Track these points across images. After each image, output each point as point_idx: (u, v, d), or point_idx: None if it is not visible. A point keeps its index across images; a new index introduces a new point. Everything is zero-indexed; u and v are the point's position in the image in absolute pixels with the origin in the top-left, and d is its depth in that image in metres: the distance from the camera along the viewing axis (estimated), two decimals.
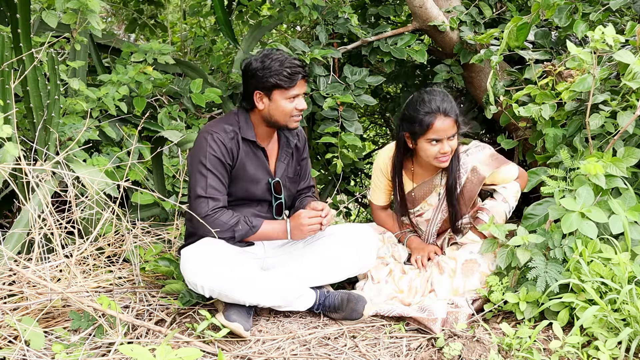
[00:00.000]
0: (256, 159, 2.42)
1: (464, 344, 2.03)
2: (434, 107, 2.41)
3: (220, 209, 2.31)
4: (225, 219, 2.30)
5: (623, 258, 2.05)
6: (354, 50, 3.64)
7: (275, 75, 2.27)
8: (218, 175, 2.32)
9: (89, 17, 2.76)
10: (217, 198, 2.31)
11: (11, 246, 2.33)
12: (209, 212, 2.28)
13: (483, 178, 2.57)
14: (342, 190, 4.39)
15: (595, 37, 2.24)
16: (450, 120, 2.42)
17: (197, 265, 2.21)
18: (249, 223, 2.34)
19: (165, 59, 3.29)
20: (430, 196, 2.65)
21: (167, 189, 3.29)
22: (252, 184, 2.43)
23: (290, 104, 2.33)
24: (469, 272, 2.44)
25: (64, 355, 1.91)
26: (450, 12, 3.52)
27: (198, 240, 2.32)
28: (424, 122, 2.41)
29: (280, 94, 2.31)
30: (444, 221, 2.68)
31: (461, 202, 2.58)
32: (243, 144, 2.38)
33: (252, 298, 2.22)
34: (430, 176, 2.64)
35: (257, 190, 2.45)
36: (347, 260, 2.43)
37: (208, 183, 2.30)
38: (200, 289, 2.21)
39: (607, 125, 2.40)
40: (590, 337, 1.97)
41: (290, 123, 2.37)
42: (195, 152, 2.34)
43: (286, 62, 2.28)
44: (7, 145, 2.17)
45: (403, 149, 2.60)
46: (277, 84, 2.28)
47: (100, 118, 3.03)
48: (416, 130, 2.44)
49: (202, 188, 2.30)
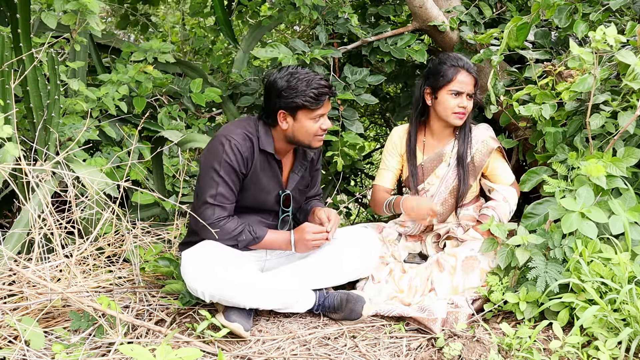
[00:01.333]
0: (270, 171, 2.38)
1: (464, 344, 2.03)
2: (459, 63, 2.62)
3: (226, 217, 2.28)
4: (230, 228, 2.27)
5: (623, 258, 2.05)
6: (354, 50, 3.64)
7: (301, 96, 2.21)
8: (229, 183, 2.27)
9: (88, 18, 2.76)
10: (224, 206, 2.27)
11: (11, 246, 2.33)
12: (214, 221, 2.25)
13: (492, 149, 2.69)
14: (342, 190, 4.39)
15: (596, 37, 2.24)
16: (472, 78, 2.63)
17: (197, 272, 2.20)
18: (253, 233, 2.31)
19: (166, 57, 3.29)
20: (439, 167, 2.72)
21: (167, 189, 3.29)
22: (262, 194, 2.39)
23: (315, 124, 2.28)
24: (469, 269, 2.44)
25: (64, 355, 1.91)
26: (450, 12, 3.51)
27: (199, 243, 2.31)
28: (449, 73, 2.61)
29: (305, 114, 2.25)
30: (447, 203, 2.70)
31: (470, 170, 2.67)
32: (260, 154, 2.32)
33: (252, 302, 2.22)
34: (441, 146, 2.73)
35: (267, 201, 2.42)
36: (348, 265, 2.43)
37: (218, 191, 2.25)
38: (200, 295, 2.21)
39: (607, 125, 2.40)
40: (590, 337, 1.97)
41: (314, 142, 2.32)
42: (210, 156, 2.28)
43: (313, 82, 2.22)
44: (7, 145, 2.17)
45: (421, 110, 2.73)
46: (303, 105, 2.22)
47: (100, 118, 3.03)
48: (439, 81, 2.62)
49: (212, 195, 2.25)
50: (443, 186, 2.71)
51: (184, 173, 3.21)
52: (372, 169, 5.98)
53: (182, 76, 3.63)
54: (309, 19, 3.59)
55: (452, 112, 2.62)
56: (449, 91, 2.60)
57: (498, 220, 2.56)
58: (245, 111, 3.70)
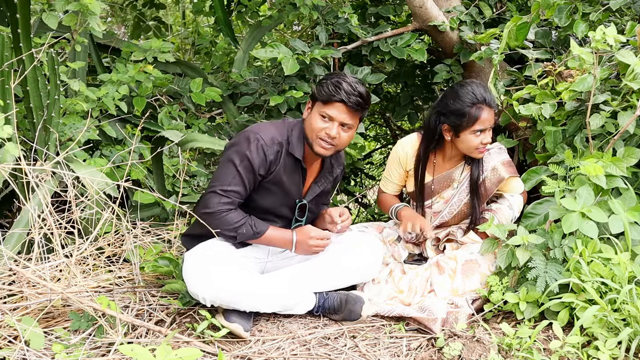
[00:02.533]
0: (294, 177, 2.36)
1: (464, 344, 2.03)
2: (480, 98, 2.43)
3: (229, 209, 2.27)
4: (232, 219, 2.27)
5: (623, 258, 2.05)
6: (354, 50, 3.65)
7: (319, 86, 2.27)
8: (245, 180, 2.26)
9: (89, 19, 2.76)
10: (232, 199, 2.26)
11: (11, 246, 2.33)
12: (218, 208, 2.25)
13: (502, 179, 2.59)
14: (342, 190, 4.40)
15: (596, 37, 2.24)
16: (493, 111, 2.47)
17: (198, 279, 2.20)
18: (253, 227, 2.30)
19: (166, 57, 3.29)
20: (447, 189, 2.67)
21: (167, 189, 3.29)
22: (280, 198, 2.38)
23: (322, 122, 2.25)
24: (470, 272, 2.43)
25: (64, 355, 1.90)
26: (450, 12, 3.52)
27: (201, 243, 2.32)
28: (472, 114, 2.43)
29: (318, 106, 2.26)
30: (448, 224, 2.70)
31: (482, 195, 2.60)
32: (287, 157, 2.31)
33: (253, 306, 2.22)
34: (450, 168, 2.66)
35: (283, 207, 2.41)
36: (352, 270, 2.42)
37: (230, 183, 2.25)
38: (202, 300, 2.21)
39: (607, 125, 2.40)
40: (590, 337, 1.97)
41: (316, 146, 2.28)
42: (233, 149, 2.27)
43: (344, 84, 2.22)
44: (7, 145, 2.17)
45: (436, 142, 2.58)
46: (320, 93, 2.25)
47: (100, 118, 3.03)
48: (462, 122, 2.44)
49: (223, 186, 2.25)
50: (447, 209, 2.68)
51: (184, 173, 3.21)
52: (372, 169, 5.98)
53: (182, 76, 3.63)
54: (309, 19, 3.59)
55: (475, 149, 2.50)
56: (473, 131, 2.45)
57: (497, 222, 2.55)
58: (245, 111, 3.70)
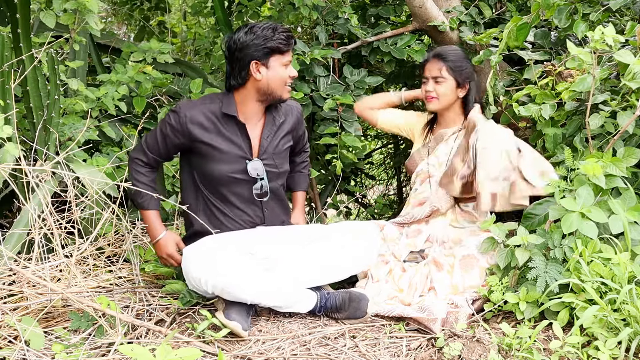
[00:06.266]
0: (234, 137, 2.41)
1: (464, 344, 2.03)
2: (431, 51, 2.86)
3: (145, 163, 2.45)
4: (138, 176, 2.43)
5: (623, 258, 2.05)
6: (353, 51, 3.64)
7: (271, 40, 2.31)
8: (158, 137, 2.41)
9: (87, 18, 2.76)
10: (148, 154, 2.44)
11: (11, 246, 2.33)
12: (134, 159, 2.45)
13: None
14: (342, 190, 4.40)
15: (595, 37, 2.25)
16: (436, 62, 2.80)
17: (201, 260, 2.22)
18: (140, 199, 2.42)
19: (165, 57, 3.29)
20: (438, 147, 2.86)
21: (167, 189, 3.29)
22: (226, 164, 2.40)
23: (285, 70, 2.37)
24: (468, 267, 2.44)
25: (64, 355, 1.90)
26: (450, 12, 3.51)
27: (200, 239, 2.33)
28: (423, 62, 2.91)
29: (277, 60, 2.34)
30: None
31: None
32: (223, 119, 2.39)
33: (254, 296, 2.22)
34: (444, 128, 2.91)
35: (233, 171, 2.41)
36: (349, 257, 2.44)
37: (150, 140, 2.43)
38: (203, 284, 2.21)
39: (607, 125, 2.40)
40: (590, 337, 1.97)
41: (285, 93, 2.42)
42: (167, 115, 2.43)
43: (278, 27, 2.33)
44: (7, 146, 2.17)
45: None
46: (276, 47, 2.31)
47: (100, 118, 3.03)
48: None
49: (146, 140, 2.45)
50: (442, 167, 2.79)
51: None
52: (372, 168, 5.97)
53: (182, 76, 3.63)
54: (308, 19, 3.59)
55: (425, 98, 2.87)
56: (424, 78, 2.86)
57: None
58: None
